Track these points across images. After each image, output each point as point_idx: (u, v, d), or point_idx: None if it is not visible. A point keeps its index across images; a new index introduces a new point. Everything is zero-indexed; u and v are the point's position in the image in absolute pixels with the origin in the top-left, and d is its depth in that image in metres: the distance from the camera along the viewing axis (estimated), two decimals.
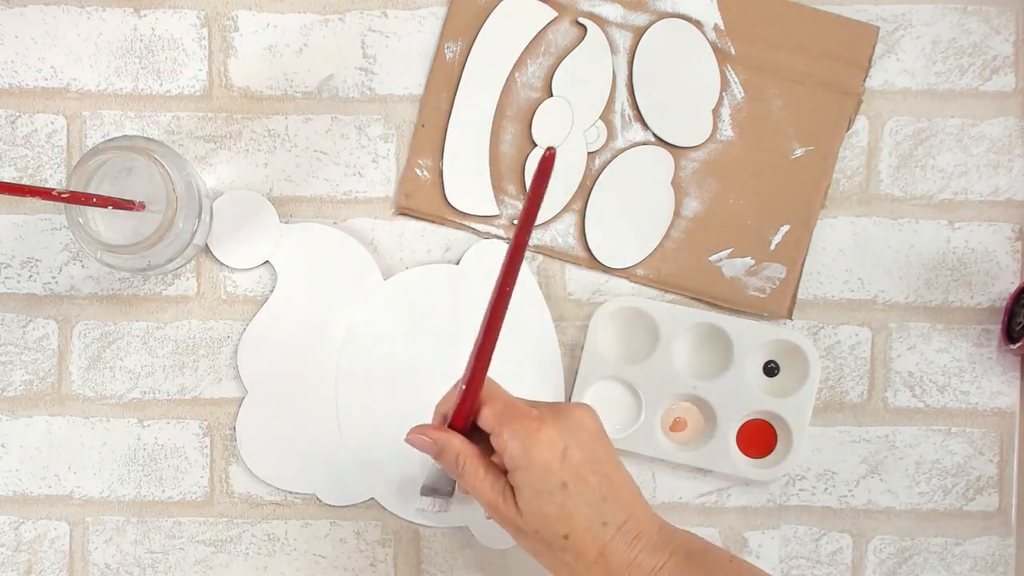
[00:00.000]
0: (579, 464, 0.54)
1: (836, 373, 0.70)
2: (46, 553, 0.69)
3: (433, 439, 0.57)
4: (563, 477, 0.53)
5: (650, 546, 0.54)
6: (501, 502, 0.55)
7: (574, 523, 0.54)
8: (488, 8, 0.69)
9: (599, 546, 0.54)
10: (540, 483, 0.53)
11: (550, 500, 0.53)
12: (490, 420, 0.55)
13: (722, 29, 0.69)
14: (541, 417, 0.54)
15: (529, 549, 0.56)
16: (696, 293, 0.69)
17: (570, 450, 0.54)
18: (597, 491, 0.54)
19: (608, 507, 0.54)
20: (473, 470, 0.56)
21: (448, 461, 0.57)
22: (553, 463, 0.53)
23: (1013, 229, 0.70)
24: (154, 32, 0.69)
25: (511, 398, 0.56)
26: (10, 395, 0.69)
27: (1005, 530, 0.69)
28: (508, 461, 0.54)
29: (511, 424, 0.54)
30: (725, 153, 0.69)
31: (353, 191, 0.70)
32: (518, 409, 0.55)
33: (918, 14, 0.69)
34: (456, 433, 0.57)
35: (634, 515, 0.55)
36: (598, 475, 0.54)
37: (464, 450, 0.56)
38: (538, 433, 0.54)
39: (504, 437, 0.54)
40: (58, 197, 0.59)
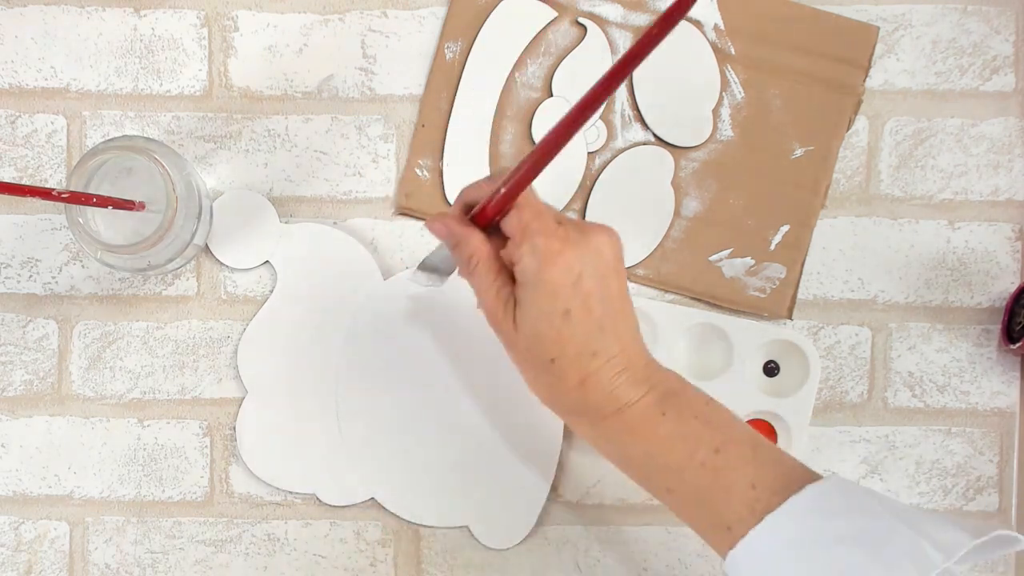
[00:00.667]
0: (588, 293, 0.53)
1: (836, 373, 0.70)
2: (46, 553, 0.69)
3: (453, 231, 0.55)
4: (569, 304, 0.52)
5: (632, 380, 0.54)
6: (501, 311, 0.54)
7: (565, 349, 0.53)
8: (488, 8, 0.69)
9: (582, 375, 0.53)
10: (545, 305, 0.52)
11: (549, 323, 0.52)
12: (515, 227, 0.53)
13: (722, 29, 0.69)
14: (565, 238, 0.52)
15: (513, 359, 0.55)
16: (696, 293, 0.69)
17: (584, 278, 0.52)
18: (596, 322, 0.53)
19: (603, 338, 0.53)
20: (484, 272, 0.54)
21: (461, 256, 0.55)
22: (563, 289, 0.52)
23: (1013, 229, 0.70)
24: (154, 32, 0.69)
25: (542, 207, 0.54)
26: (10, 395, 0.69)
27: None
28: (520, 274, 0.53)
29: (534, 238, 0.52)
30: (725, 153, 0.69)
31: (353, 191, 0.70)
32: (545, 223, 0.53)
33: (918, 14, 0.69)
34: (477, 231, 0.55)
35: (625, 349, 0.54)
36: (603, 306, 0.53)
37: (481, 250, 0.54)
38: (558, 256, 0.52)
39: (523, 250, 0.52)
40: (58, 197, 0.59)
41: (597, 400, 0.54)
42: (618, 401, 0.54)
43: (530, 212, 0.53)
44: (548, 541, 0.69)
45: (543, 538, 0.69)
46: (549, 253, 0.52)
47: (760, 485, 0.51)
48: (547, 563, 0.69)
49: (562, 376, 0.53)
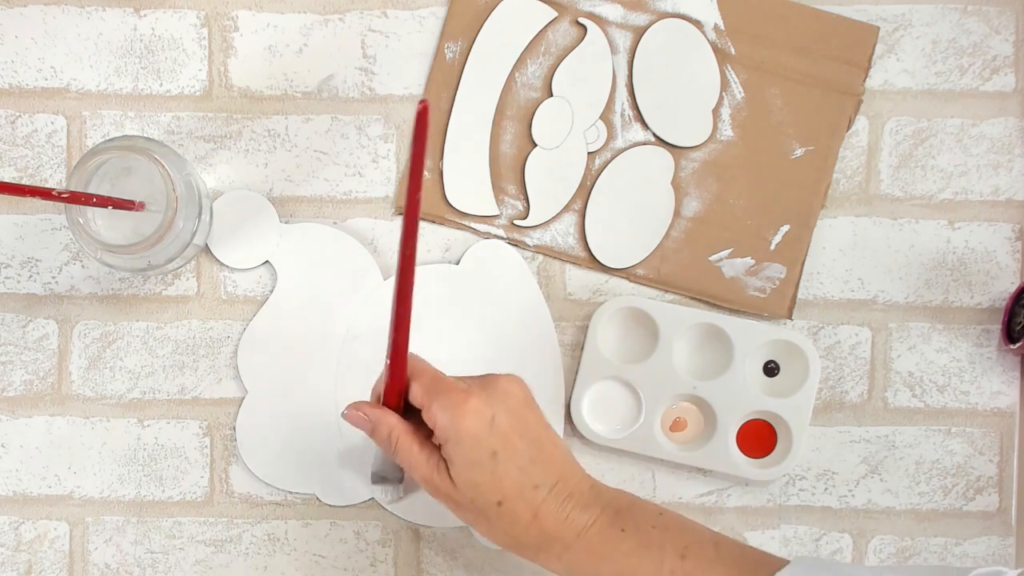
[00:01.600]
0: (507, 431, 0.55)
1: (836, 373, 0.70)
2: (46, 553, 0.69)
3: (366, 415, 0.58)
4: (492, 445, 0.54)
5: (581, 504, 0.56)
6: (436, 476, 0.56)
7: (506, 489, 0.55)
8: (488, 8, 0.69)
9: (532, 509, 0.55)
10: (470, 453, 0.54)
11: (481, 469, 0.54)
12: (419, 395, 0.56)
13: (722, 29, 0.69)
14: (468, 389, 0.55)
15: (467, 520, 0.57)
16: (696, 293, 0.69)
17: (498, 418, 0.55)
18: (526, 455, 0.55)
19: (538, 470, 0.55)
20: (407, 446, 0.56)
21: (381, 438, 0.57)
22: (481, 432, 0.54)
23: (1013, 229, 0.70)
24: (154, 32, 0.69)
25: (437, 372, 0.57)
26: (10, 395, 0.69)
27: (1005, 530, 0.69)
28: (439, 434, 0.55)
29: (439, 398, 0.55)
30: (725, 153, 0.69)
31: (353, 191, 0.70)
32: (445, 383, 0.56)
33: (918, 14, 0.69)
34: (388, 410, 0.57)
35: (563, 476, 0.56)
36: (526, 439, 0.55)
37: (396, 426, 0.57)
38: (465, 404, 0.54)
39: (433, 410, 0.55)
40: (58, 197, 0.59)
41: (554, 530, 0.55)
42: (575, 526, 0.55)
43: (427, 378, 0.56)
44: None
45: None
46: (456, 404, 0.54)
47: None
48: None
49: (514, 516, 0.55)
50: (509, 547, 0.57)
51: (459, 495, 0.55)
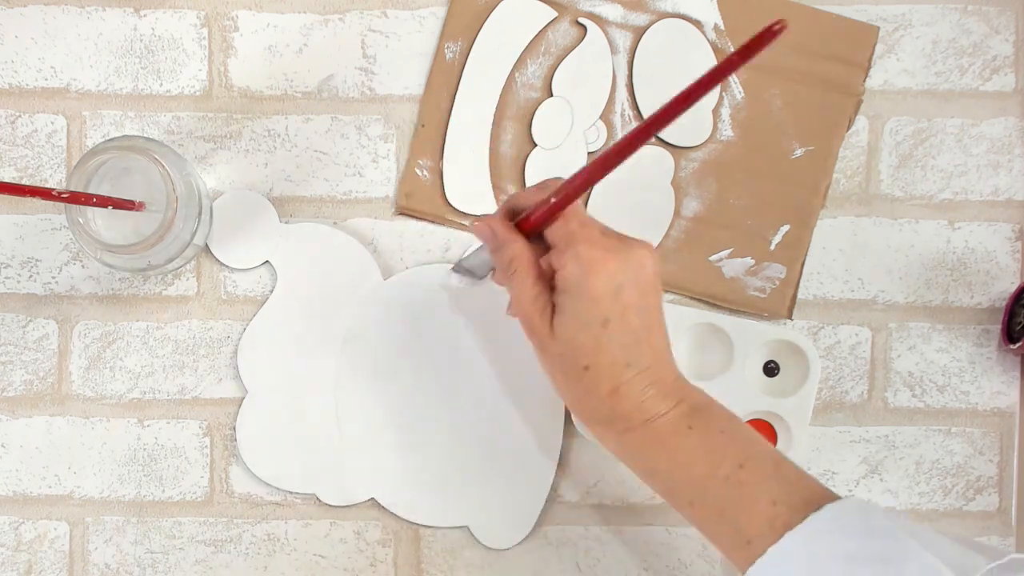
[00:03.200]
0: (627, 305, 0.53)
1: (836, 373, 0.70)
2: (46, 553, 0.69)
3: (497, 233, 0.56)
4: (608, 313, 0.53)
5: (661, 393, 0.54)
6: (538, 317, 0.54)
7: (600, 358, 0.53)
8: (488, 8, 0.69)
9: (614, 384, 0.54)
10: (585, 313, 0.53)
11: (587, 331, 0.53)
12: (560, 235, 0.54)
13: (722, 29, 0.69)
14: (608, 248, 0.53)
15: (545, 365, 0.56)
16: (696, 293, 0.69)
17: (624, 289, 0.53)
18: (632, 334, 0.54)
19: (637, 351, 0.54)
20: (523, 277, 0.55)
21: (502, 260, 0.56)
22: (605, 298, 0.52)
23: (1013, 229, 0.70)
24: (154, 32, 0.69)
25: (588, 218, 0.55)
26: (10, 395, 0.69)
27: (1005, 530, 0.69)
28: (561, 281, 0.53)
29: (579, 246, 0.53)
30: (725, 153, 0.69)
31: (353, 191, 0.70)
32: (591, 233, 0.54)
33: (918, 14, 0.69)
34: (520, 235, 0.55)
35: (657, 362, 0.55)
36: (641, 319, 0.54)
37: (522, 256, 0.55)
38: (601, 264, 0.52)
39: (567, 257, 0.53)
40: (58, 197, 0.59)
41: (626, 410, 0.54)
42: (646, 413, 0.54)
43: (576, 221, 0.54)
44: (548, 541, 0.69)
45: (543, 538, 0.69)
46: (593, 262, 0.52)
47: (781, 502, 0.52)
48: (547, 563, 0.69)
49: (594, 385, 0.54)
50: (574, 408, 0.56)
51: (553, 345, 0.54)
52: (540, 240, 0.55)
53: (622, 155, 0.50)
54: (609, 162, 0.50)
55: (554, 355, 0.54)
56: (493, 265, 0.60)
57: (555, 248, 0.54)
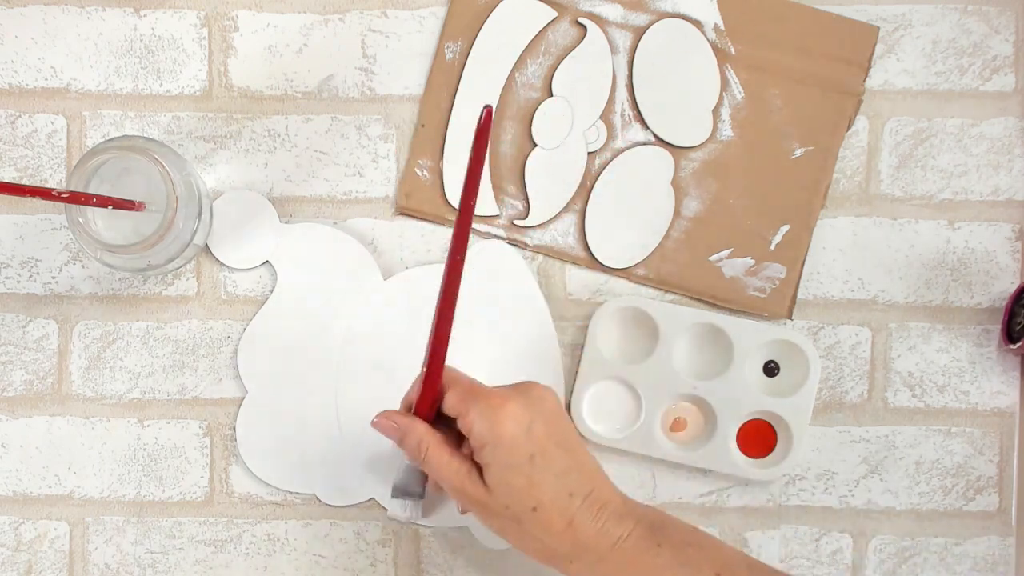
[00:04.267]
0: (544, 437, 0.55)
1: (836, 373, 0.70)
2: (46, 553, 0.69)
3: (397, 424, 0.58)
4: (530, 449, 0.55)
5: (615, 516, 0.56)
6: (468, 483, 0.56)
7: (542, 495, 0.55)
8: (488, 8, 0.69)
9: (567, 517, 0.55)
10: (508, 457, 0.54)
11: (518, 472, 0.54)
12: (455, 403, 0.56)
13: (722, 29, 0.69)
14: (505, 395, 0.55)
15: (497, 528, 0.57)
16: (696, 293, 0.69)
17: (535, 424, 0.55)
18: (562, 463, 0.55)
19: (573, 479, 0.55)
20: (437, 454, 0.57)
21: (411, 447, 0.58)
22: (520, 437, 0.54)
23: (1013, 229, 0.70)
24: (154, 32, 0.69)
25: (473, 381, 0.58)
26: (10, 395, 0.69)
27: (1005, 530, 0.69)
28: (475, 440, 0.55)
29: (476, 404, 0.55)
30: (725, 153, 0.69)
31: (353, 191, 0.70)
32: (481, 389, 0.57)
33: (918, 14, 0.69)
34: (418, 420, 0.58)
35: (597, 487, 0.56)
36: (561, 448, 0.56)
37: (426, 435, 0.57)
38: (503, 409, 0.55)
39: (471, 417, 0.55)
40: (58, 197, 0.59)
41: (588, 540, 0.55)
42: (610, 537, 0.55)
43: (462, 387, 0.57)
44: None
45: None
46: (494, 409, 0.55)
47: None
48: None
49: (548, 524, 0.55)
50: (540, 556, 0.57)
51: (493, 501, 0.55)
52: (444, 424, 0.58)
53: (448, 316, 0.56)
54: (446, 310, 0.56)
55: (499, 510, 0.55)
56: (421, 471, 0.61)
57: (458, 416, 0.56)
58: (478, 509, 0.57)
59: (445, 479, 0.57)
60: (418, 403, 0.58)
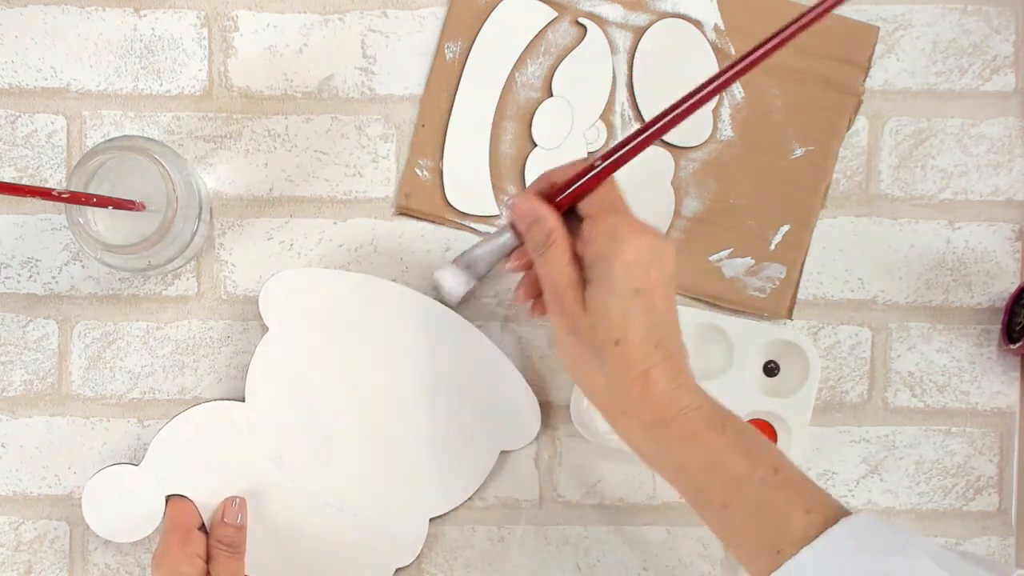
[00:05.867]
0: (656, 281, 0.53)
1: (836, 373, 0.70)
2: (46, 553, 0.69)
3: (536, 210, 0.56)
4: (638, 284, 0.53)
5: (689, 386, 0.54)
6: (571, 291, 0.54)
7: (631, 332, 0.53)
8: (488, 8, 0.69)
9: (645, 365, 0.53)
10: (616, 280, 0.53)
11: (618, 300, 0.53)
12: (595, 206, 0.55)
13: (722, 29, 0.69)
14: (644, 226, 0.54)
15: (572, 350, 0.55)
16: (696, 293, 0.69)
17: (654, 265, 0.53)
18: (660, 313, 0.54)
19: (665, 333, 0.54)
20: (561, 251, 0.55)
21: (538, 234, 0.56)
22: (636, 267, 0.53)
23: (1013, 229, 0.70)
24: (154, 32, 0.69)
25: (621, 194, 0.56)
26: (10, 395, 0.69)
27: (1005, 530, 0.69)
28: (595, 250, 0.54)
29: (615, 216, 0.54)
30: (725, 153, 0.69)
31: (353, 191, 0.70)
32: (624, 207, 0.55)
33: (918, 14, 0.69)
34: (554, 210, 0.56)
35: (681, 352, 0.55)
36: (665, 302, 0.54)
37: (559, 227, 0.55)
38: (635, 235, 0.53)
39: (604, 226, 0.54)
40: (58, 197, 0.59)
41: (658, 398, 0.53)
42: (679, 403, 0.53)
43: (615, 193, 0.55)
44: (548, 541, 0.69)
45: (543, 538, 0.69)
46: (628, 233, 0.53)
47: (815, 511, 0.51)
48: (547, 563, 0.69)
49: (624, 363, 0.53)
50: (600, 396, 0.55)
51: (583, 319, 0.54)
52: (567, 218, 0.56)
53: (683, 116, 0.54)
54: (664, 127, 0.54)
55: (584, 330, 0.54)
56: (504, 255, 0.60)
57: (589, 219, 0.55)
58: (564, 322, 0.55)
59: (554, 277, 0.55)
60: (571, 192, 0.56)
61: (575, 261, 0.55)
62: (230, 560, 0.64)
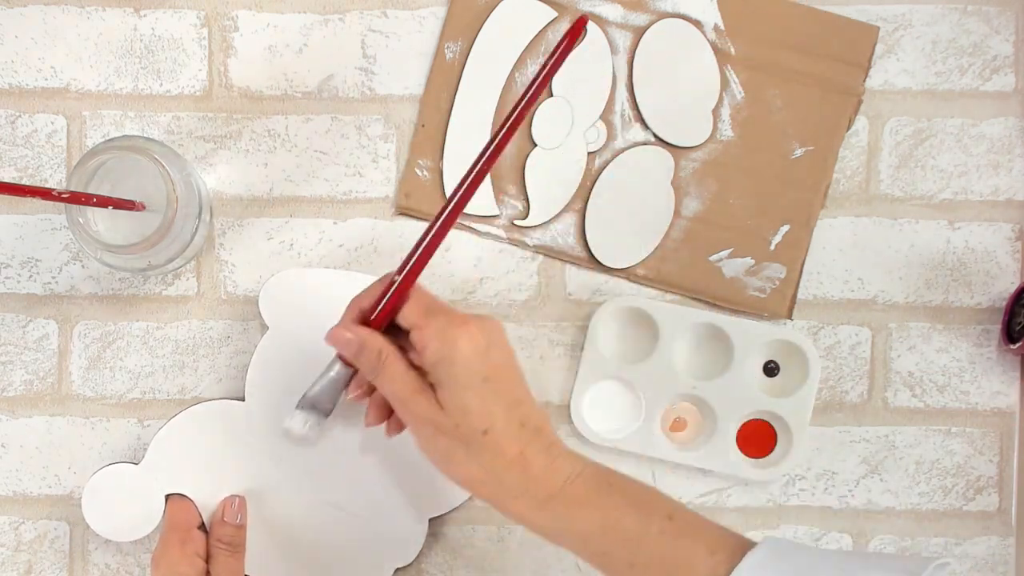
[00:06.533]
0: (499, 363, 0.54)
1: (836, 373, 0.70)
2: (46, 553, 0.69)
3: (355, 335, 0.56)
4: (485, 371, 0.54)
5: (566, 455, 0.55)
6: (422, 398, 0.54)
7: (494, 419, 0.53)
8: (488, 8, 0.69)
9: (519, 445, 0.54)
10: (463, 375, 0.53)
11: (472, 393, 0.53)
12: (415, 315, 0.55)
13: (722, 29, 0.69)
14: (464, 316, 0.55)
15: (441, 450, 0.55)
16: (696, 293, 0.69)
17: (492, 349, 0.54)
18: (515, 392, 0.55)
19: (526, 410, 0.55)
20: (396, 365, 0.55)
21: (368, 358, 0.56)
22: (476, 358, 0.53)
23: (1013, 229, 0.70)
24: (154, 32, 0.69)
25: (433, 296, 0.57)
26: (10, 395, 0.69)
27: (1005, 530, 0.69)
28: (431, 355, 0.54)
29: (436, 319, 0.54)
30: (725, 153, 0.69)
31: (353, 191, 0.70)
32: (441, 306, 0.56)
33: (918, 14, 0.69)
34: (376, 331, 0.56)
35: (547, 426, 0.56)
36: (515, 379, 0.55)
37: (387, 346, 0.56)
38: (463, 328, 0.54)
39: (430, 331, 0.54)
40: (58, 197, 0.59)
41: (539, 475, 0.54)
42: (561, 474, 0.54)
43: (427, 298, 0.56)
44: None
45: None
46: (454, 326, 0.54)
47: (718, 550, 0.52)
48: (547, 563, 0.69)
49: (499, 449, 0.54)
50: (483, 485, 0.55)
51: (444, 419, 0.54)
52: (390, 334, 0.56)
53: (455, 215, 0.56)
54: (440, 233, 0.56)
55: (449, 429, 0.54)
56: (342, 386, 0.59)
57: (415, 329, 0.55)
58: (425, 428, 0.55)
59: (399, 391, 0.55)
60: (382, 309, 0.56)
61: (413, 371, 0.55)
62: (230, 559, 0.64)
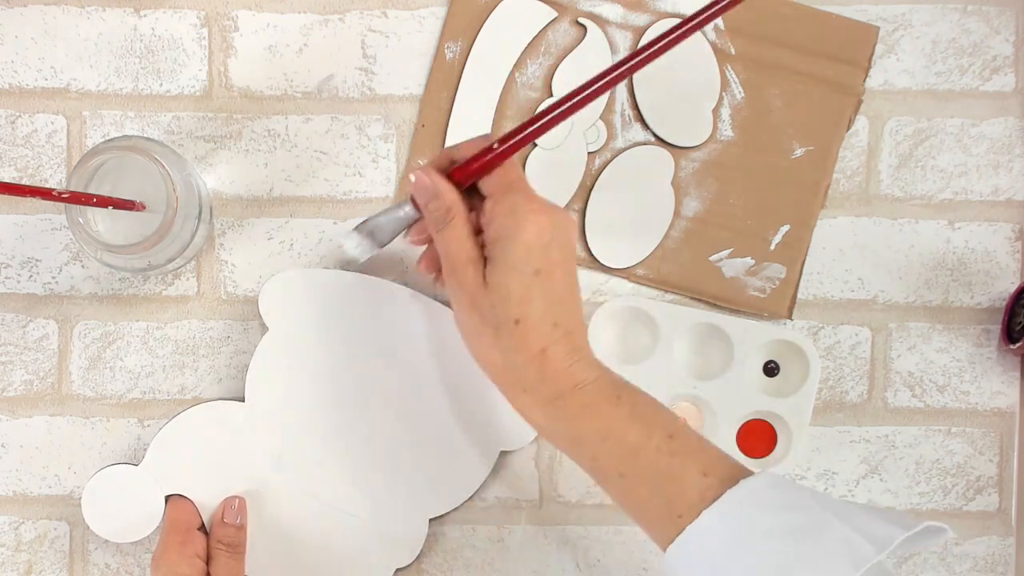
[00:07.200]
0: (556, 260, 0.54)
1: (836, 373, 0.70)
2: (46, 553, 0.69)
3: (435, 184, 0.56)
4: (539, 264, 0.54)
5: (586, 361, 0.55)
6: (471, 268, 0.55)
7: (530, 312, 0.54)
8: (488, 8, 0.69)
9: (543, 343, 0.54)
10: (517, 260, 0.53)
11: (519, 279, 0.53)
12: (495, 185, 0.55)
13: (722, 29, 0.69)
14: (544, 204, 0.54)
15: (471, 326, 0.56)
16: (696, 293, 0.69)
17: (554, 245, 0.54)
18: (560, 292, 0.55)
19: (563, 311, 0.55)
20: (460, 227, 0.55)
21: (437, 211, 0.56)
22: (536, 248, 0.53)
23: (1013, 229, 0.70)
24: (154, 32, 0.69)
25: (521, 174, 0.57)
26: (10, 395, 0.69)
27: (1005, 530, 0.69)
28: (495, 230, 0.54)
29: (515, 195, 0.54)
30: (725, 153, 0.69)
31: (353, 191, 0.70)
32: (525, 186, 0.56)
33: (918, 14, 0.69)
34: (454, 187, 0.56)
35: (578, 328, 0.56)
36: (565, 280, 0.55)
37: (458, 203, 0.56)
38: (535, 214, 0.54)
39: (504, 205, 0.54)
40: (58, 197, 0.59)
41: (554, 374, 0.54)
42: (575, 378, 0.54)
43: (515, 172, 0.56)
44: (548, 541, 0.69)
45: (543, 538, 0.69)
46: (528, 212, 0.54)
47: (711, 473, 0.52)
48: (547, 563, 0.69)
49: (523, 342, 0.54)
50: (497, 374, 0.56)
51: (484, 297, 0.54)
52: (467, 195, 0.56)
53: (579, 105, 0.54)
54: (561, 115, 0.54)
55: (484, 308, 0.54)
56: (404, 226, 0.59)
57: (490, 198, 0.55)
58: (464, 298, 0.55)
59: (453, 253, 0.55)
60: (471, 167, 0.55)
61: (475, 238, 0.56)
62: (230, 560, 0.64)
